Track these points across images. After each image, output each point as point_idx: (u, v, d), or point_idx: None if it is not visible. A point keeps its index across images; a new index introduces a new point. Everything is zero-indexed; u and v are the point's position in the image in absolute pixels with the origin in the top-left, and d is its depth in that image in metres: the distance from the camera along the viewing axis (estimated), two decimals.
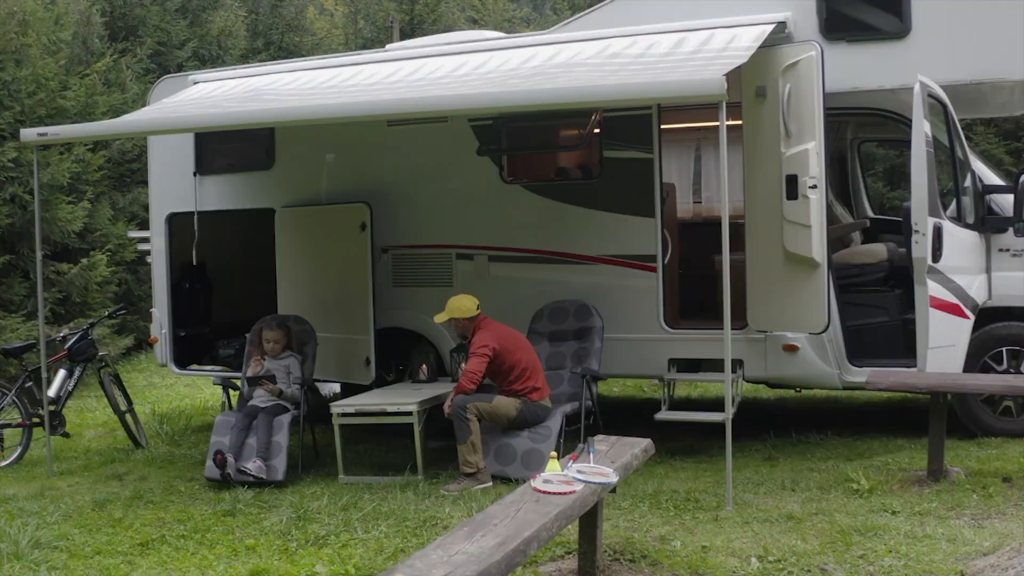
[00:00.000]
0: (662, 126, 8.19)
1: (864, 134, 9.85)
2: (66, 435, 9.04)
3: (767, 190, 7.38)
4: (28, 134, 7.84)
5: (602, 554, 5.24)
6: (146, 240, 11.10)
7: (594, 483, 4.76)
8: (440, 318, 7.57)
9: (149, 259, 10.28)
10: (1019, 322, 7.61)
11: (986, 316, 7.57)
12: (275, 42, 25.43)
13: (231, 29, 22.62)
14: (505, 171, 8.68)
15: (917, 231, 6.84)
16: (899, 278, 8.22)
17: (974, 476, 6.51)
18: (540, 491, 4.58)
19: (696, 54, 7.24)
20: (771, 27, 7.43)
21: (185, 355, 10.05)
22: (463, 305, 7.45)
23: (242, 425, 7.70)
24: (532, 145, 9.17)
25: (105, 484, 7.86)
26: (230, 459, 7.45)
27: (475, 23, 31.17)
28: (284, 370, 8.15)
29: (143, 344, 16.45)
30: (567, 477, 4.77)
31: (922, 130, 6.79)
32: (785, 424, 8.56)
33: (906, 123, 7.77)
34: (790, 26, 7.67)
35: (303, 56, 23.79)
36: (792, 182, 7.26)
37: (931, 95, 7.09)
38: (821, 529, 5.66)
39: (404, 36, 23.52)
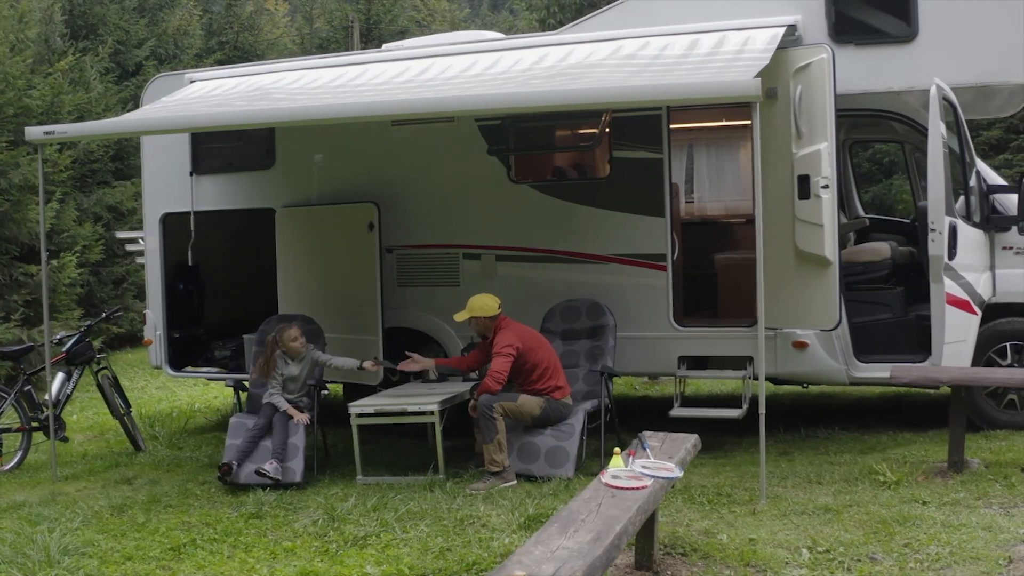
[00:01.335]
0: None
1: (856, 135, 10.04)
2: (65, 439, 8.86)
3: (778, 190, 7.49)
4: (33, 132, 7.68)
5: (656, 548, 5.30)
6: (134, 241, 10.93)
7: (662, 478, 4.83)
8: (461, 316, 7.55)
9: (141, 260, 10.11)
10: (1022, 318, 7.85)
11: (990, 312, 7.77)
12: (230, 41, 25.19)
13: (187, 28, 22.37)
14: (513, 171, 8.68)
15: (934, 230, 7.02)
16: (901, 276, 8.43)
17: (992, 467, 6.70)
18: (613, 487, 4.64)
19: (713, 56, 7.33)
20: (783, 30, 7.56)
21: (179, 357, 9.90)
22: (485, 304, 7.45)
23: (256, 431, 7.62)
24: (542, 145, 9.19)
25: (115, 488, 7.73)
26: (235, 469, 7.41)
27: (419, 24, 31.08)
28: (311, 365, 8.04)
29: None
30: (634, 472, 4.83)
31: (938, 131, 6.95)
32: (789, 420, 8.70)
33: (909, 124, 8.00)
34: (799, 29, 7.80)
35: (258, 57, 23.69)
36: (804, 182, 7.38)
37: (944, 97, 7.26)
38: (860, 520, 5.79)
39: (362, 37, 23.39)
